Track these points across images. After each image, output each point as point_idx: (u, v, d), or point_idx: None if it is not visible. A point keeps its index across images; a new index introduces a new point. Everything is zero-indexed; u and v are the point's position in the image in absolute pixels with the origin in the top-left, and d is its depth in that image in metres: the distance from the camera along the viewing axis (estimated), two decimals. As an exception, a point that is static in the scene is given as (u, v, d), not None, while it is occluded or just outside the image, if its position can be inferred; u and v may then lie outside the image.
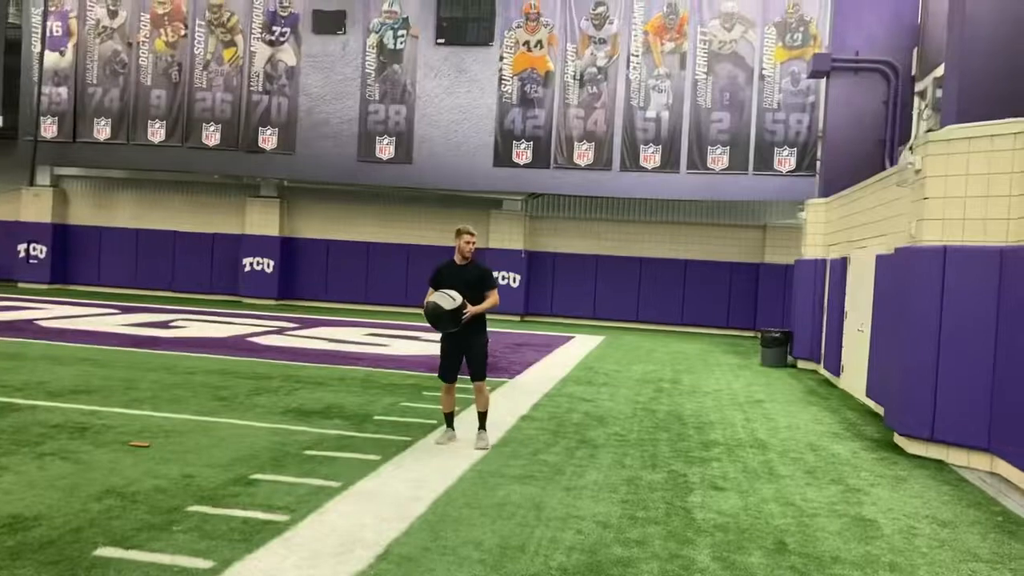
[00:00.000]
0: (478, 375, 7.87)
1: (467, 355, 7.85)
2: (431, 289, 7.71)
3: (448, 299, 7.44)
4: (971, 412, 8.20)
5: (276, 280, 26.26)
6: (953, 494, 7.19)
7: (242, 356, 13.35)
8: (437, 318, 7.49)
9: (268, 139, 24.88)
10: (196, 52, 25.22)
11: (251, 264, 26.35)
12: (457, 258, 7.80)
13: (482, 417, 7.96)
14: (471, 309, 7.54)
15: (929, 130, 11.93)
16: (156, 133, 25.40)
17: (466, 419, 8.78)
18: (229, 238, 26.91)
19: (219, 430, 7.91)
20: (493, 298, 7.74)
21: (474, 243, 7.76)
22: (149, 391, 9.76)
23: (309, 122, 24.68)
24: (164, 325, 17.67)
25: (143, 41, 25.48)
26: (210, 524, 5.23)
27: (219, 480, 6.21)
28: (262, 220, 26.56)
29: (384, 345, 16.30)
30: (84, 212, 28.01)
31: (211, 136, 25.11)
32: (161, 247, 27.21)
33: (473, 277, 7.70)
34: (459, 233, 7.74)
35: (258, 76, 24.93)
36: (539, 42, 23.50)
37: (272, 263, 26.29)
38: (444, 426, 8.18)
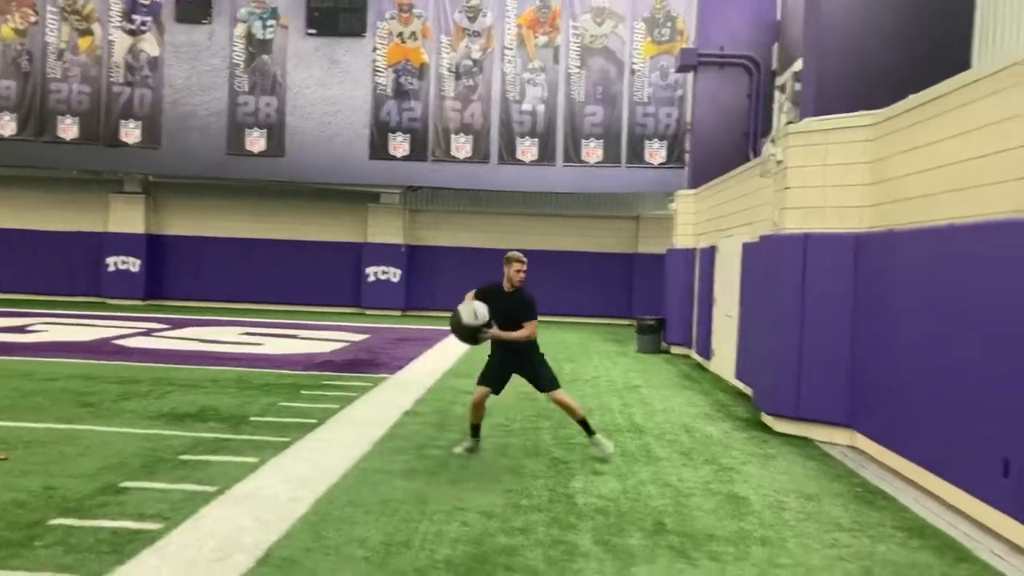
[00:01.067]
0: (546, 386, 7.49)
1: (525, 374, 7.54)
2: (468, 296, 7.45)
3: (472, 314, 7.20)
4: (832, 390, 8.65)
5: (143, 279, 25.19)
6: (817, 469, 7.57)
7: (108, 360, 12.74)
8: (454, 328, 7.31)
9: (131, 132, 23.77)
10: (48, 40, 23.82)
11: (115, 263, 25.18)
12: (505, 284, 7.52)
13: (583, 425, 7.56)
14: (493, 332, 7.29)
15: (789, 122, 12.49)
16: (6, 126, 23.84)
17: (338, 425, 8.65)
18: (91, 236, 25.61)
19: (85, 438, 7.52)
20: (528, 329, 7.36)
21: (525, 272, 7.49)
22: (7, 399, 9.18)
23: (174, 114, 23.71)
24: (21, 330, 16.66)
25: (-11, 28, 23.89)
26: (75, 537, 4.97)
27: (85, 491, 5.90)
28: (126, 217, 25.41)
29: (259, 344, 15.88)
30: (-74, 211, 26.11)
31: (68, 129, 23.78)
32: (17, 247, 25.61)
33: (516, 305, 7.39)
34: (509, 261, 7.46)
35: (118, 67, 23.77)
36: (413, 33, 23.33)
37: (138, 262, 25.19)
38: (468, 435, 7.76)
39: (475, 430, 7.68)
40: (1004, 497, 5.59)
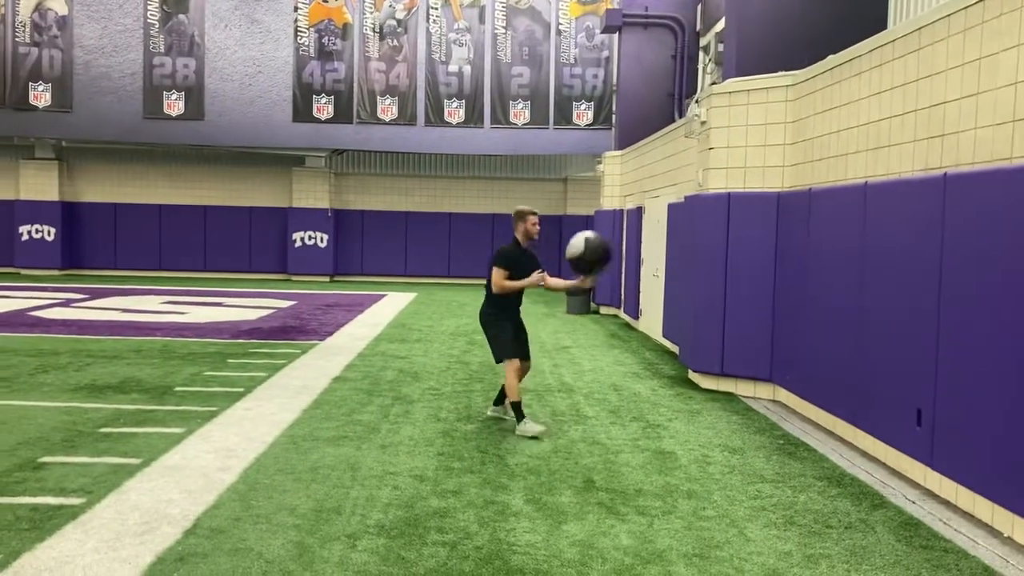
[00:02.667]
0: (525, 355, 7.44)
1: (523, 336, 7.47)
2: (505, 271, 7.08)
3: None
4: (755, 346, 8.88)
5: (58, 248, 24.34)
6: (741, 423, 7.78)
7: (23, 332, 12.32)
8: (602, 247, 6.93)
9: (40, 95, 22.79)
10: (-53, -2, 22.61)
11: (29, 232, 24.26)
12: (523, 241, 7.31)
13: (512, 407, 7.20)
14: (556, 282, 7.18)
15: (713, 83, 12.62)
16: (-96, 89, 22.65)
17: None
18: (1, 205, 24.60)
19: (0, 413, 7.28)
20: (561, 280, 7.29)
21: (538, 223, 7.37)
22: (-87, 376, 8.83)
23: (87, 77, 22.80)
24: (-72, 303, 15.99)
25: None
26: (-6, 515, 4.83)
27: (2, 467, 5.72)
28: (39, 184, 24.45)
29: (183, 313, 15.53)
30: None
31: (-29, 92, 22.70)
32: (-81, 217, 24.52)
33: (535, 259, 7.36)
34: (523, 215, 7.25)
35: (24, 26, 22.70)
36: (335, -7, 22.79)
37: (53, 230, 24.32)
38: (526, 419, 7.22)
39: (519, 408, 7.15)
40: (917, 445, 5.83)
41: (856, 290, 6.85)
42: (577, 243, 6.91)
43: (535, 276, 7.11)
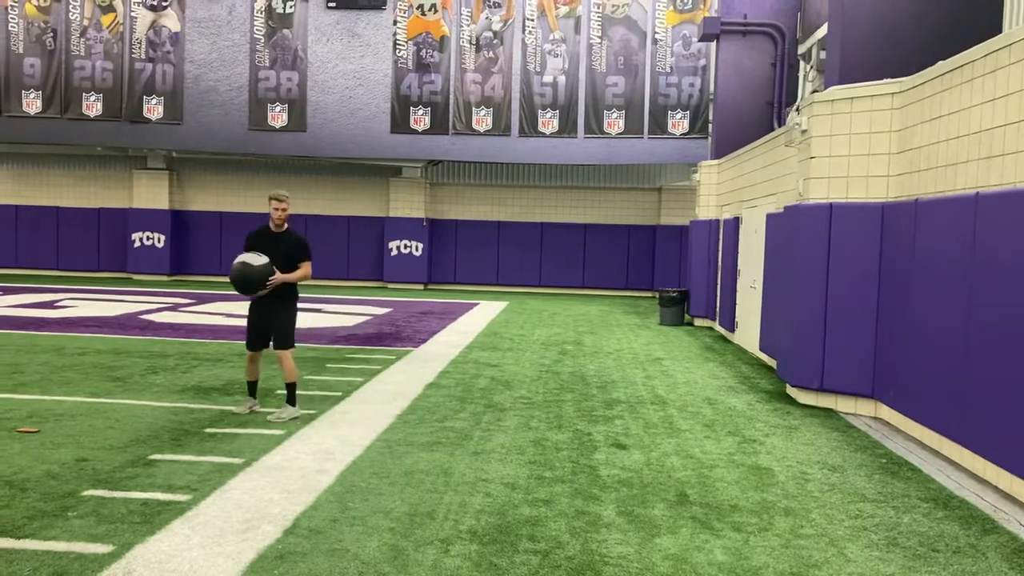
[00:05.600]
0: (279, 342, 7.56)
1: (272, 323, 7.56)
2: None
3: (256, 257, 7.31)
4: (857, 361, 8.61)
5: (167, 255, 25.43)
6: (842, 440, 7.55)
7: (135, 335, 12.90)
8: (246, 278, 7.24)
9: (154, 108, 23.88)
10: (72, 18, 23.92)
11: (140, 239, 25.42)
12: (271, 225, 7.63)
13: (289, 389, 7.65)
14: (279, 276, 7.36)
15: (814, 91, 12.32)
16: (31, 104, 24.04)
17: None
18: (116, 213, 25.90)
19: (114, 411, 7.65)
20: (305, 269, 7.48)
21: (284, 209, 7.54)
22: (37, 374, 9.34)
23: (196, 90, 23.78)
24: (50, 305, 16.89)
25: (11, 5, 23.99)
26: (108, 508, 5.07)
27: (116, 463, 6.01)
28: (150, 193, 25.61)
29: (284, 318, 15.97)
30: (-45, 189, 26.44)
31: (92, 106, 23.93)
32: (43, 224, 25.98)
33: (289, 245, 7.52)
34: (269, 200, 7.61)
35: (140, 43, 23.83)
36: (433, 6, 23.18)
37: (163, 237, 25.42)
38: (246, 395, 7.96)
39: (250, 388, 7.81)
40: (1031, 468, 5.55)
41: (965, 304, 6.58)
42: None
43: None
